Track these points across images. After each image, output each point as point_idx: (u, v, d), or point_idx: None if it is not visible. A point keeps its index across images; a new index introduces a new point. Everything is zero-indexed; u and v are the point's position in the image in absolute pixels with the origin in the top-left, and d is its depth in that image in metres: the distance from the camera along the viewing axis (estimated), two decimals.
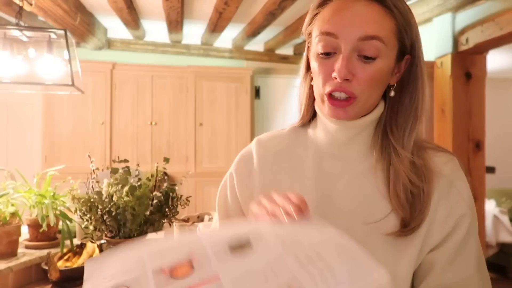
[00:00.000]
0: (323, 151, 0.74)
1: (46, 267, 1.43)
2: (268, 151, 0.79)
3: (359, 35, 0.63)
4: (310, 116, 0.79)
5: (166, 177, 1.29)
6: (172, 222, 1.32)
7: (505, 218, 4.10)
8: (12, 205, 1.58)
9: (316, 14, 0.70)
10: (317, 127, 0.76)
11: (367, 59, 0.65)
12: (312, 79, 0.73)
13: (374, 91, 0.67)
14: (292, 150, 0.78)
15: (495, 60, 4.46)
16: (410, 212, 0.66)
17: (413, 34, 0.68)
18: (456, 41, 3.05)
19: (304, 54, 0.76)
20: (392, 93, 0.71)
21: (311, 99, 0.76)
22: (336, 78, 0.64)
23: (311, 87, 0.74)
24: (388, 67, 0.67)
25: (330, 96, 0.67)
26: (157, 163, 1.28)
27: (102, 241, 1.38)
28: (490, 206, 4.17)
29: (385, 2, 0.65)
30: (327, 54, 0.66)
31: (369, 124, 0.72)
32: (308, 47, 0.74)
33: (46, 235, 1.66)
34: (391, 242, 0.67)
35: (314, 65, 0.69)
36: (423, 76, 0.70)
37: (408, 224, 0.66)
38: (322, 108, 0.70)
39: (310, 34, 0.72)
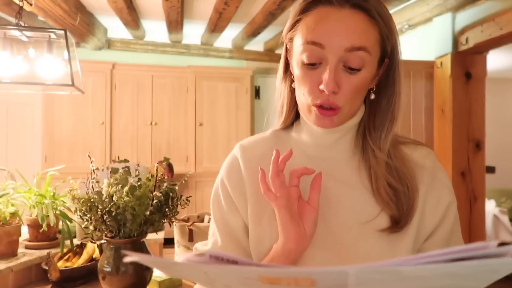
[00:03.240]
0: (309, 154, 0.74)
1: (46, 267, 1.43)
2: (253, 155, 0.77)
3: (345, 46, 0.63)
4: (293, 119, 0.78)
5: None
6: (172, 222, 1.32)
7: (505, 218, 4.10)
8: (12, 205, 1.57)
9: (298, 20, 0.68)
10: (302, 130, 0.76)
11: (353, 70, 0.64)
12: (292, 81, 0.73)
13: (358, 99, 0.68)
14: None
15: (495, 60, 4.46)
16: (398, 210, 0.68)
17: (393, 40, 0.68)
18: (456, 41, 3.05)
19: (282, 55, 0.76)
20: (372, 96, 0.71)
21: (292, 101, 0.76)
22: (323, 91, 0.64)
23: (292, 89, 0.74)
24: (371, 75, 0.67)
25: (318, 106, 0.67)
26: (157, 163, 1.28)
27: (102, 241, 1.38)
28: (490, 206, 4.17)
29: (369, 11, 0.64)
30: (313, 65, 0.66)
31: (352, 128, 0.73)
32: (287, 48, 0.74)
33: (46, 235, 1.66)
34: (386, 237, 0.68)
35: (298, 73, 0.68)
36: (401, 79, 0.71)
37: (399, 221, 0.68)
38: (308, 117, 0.70)
39: (291, 39, 0.71)
